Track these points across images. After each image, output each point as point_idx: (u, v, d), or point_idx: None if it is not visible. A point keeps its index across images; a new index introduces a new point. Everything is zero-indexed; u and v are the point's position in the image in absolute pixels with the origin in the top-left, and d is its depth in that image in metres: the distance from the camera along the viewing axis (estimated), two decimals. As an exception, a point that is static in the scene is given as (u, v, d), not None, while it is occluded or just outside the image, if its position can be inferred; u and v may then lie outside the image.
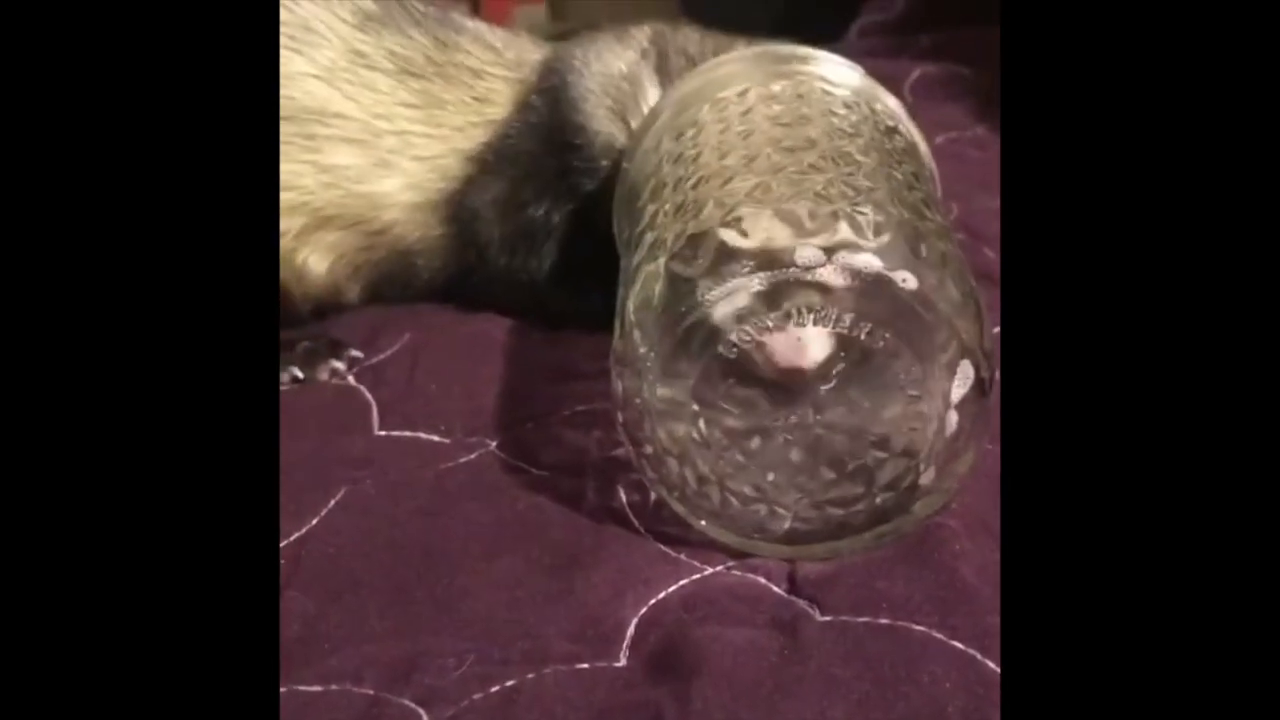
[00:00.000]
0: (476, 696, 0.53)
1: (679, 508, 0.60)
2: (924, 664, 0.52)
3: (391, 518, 0.66)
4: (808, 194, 0.57)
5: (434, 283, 0.88)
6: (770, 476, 0.59)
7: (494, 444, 0.72)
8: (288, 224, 0.83)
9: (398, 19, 0.85)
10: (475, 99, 0.84)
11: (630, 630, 0.56)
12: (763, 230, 0.56)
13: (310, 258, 0.86)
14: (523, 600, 0.59)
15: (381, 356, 0.83)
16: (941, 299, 0.55)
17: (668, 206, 0.62)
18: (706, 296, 0.56)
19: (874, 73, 0.74)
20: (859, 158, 0.61)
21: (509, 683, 0.54)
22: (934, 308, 0.55)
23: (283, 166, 0.81)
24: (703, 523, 0.60)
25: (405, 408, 0.77)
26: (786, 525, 0.60)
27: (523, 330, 0.86)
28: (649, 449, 0.59)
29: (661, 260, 0.58)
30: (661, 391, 0.58)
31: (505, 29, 0.91)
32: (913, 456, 0.58)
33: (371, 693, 0.54)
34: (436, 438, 0.73)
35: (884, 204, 0.57)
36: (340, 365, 0.81)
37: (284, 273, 0.85)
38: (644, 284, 0.58)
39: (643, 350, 0.57)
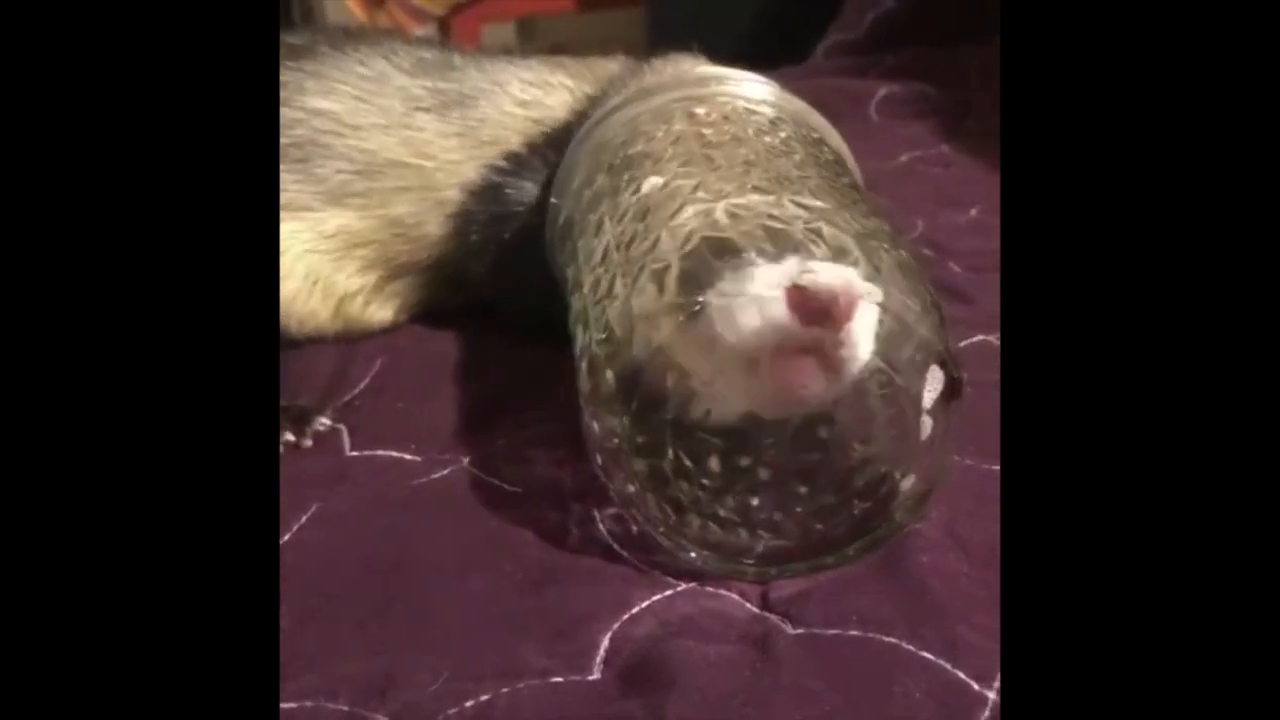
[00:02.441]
0: (451, 712, 0.53)
1: (666, 542, 0.60)
2: (894, 675, 0.53)
3: (364, 534, 0.65)
4: (762, 218, 0.57)
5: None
6: (755, 501, 0.60)
7: (466, 460, 0.72)
8: (363, 281, 0.86)
9: (451, 59, 0.87)
10: (519, 105, 0.85)
11: (604, 645, 0.57)
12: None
13: (381, 310, 0.88)
14: (496, 616, 0.59)
15: (355, 391, 0.82)
16: (904, 308, 0.56)
17: (613, 242, 0.61)
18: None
19: (839, 92, 0.75)
20: (800, 175, 0.61)
21: (483, 698, 0.54)
22: (899, 317, 0.56)
23: (361, 223, 0.84)
24: (692, 554, 0.60)
25: (376, 427, 0.77)
26: (769, 545, 0.60)
27: (492, 346, 0.86)
28: (631, 488, 0.59)
29: (620, 298, 0.58)
30: (639, 435, 0.58)
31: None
32: (885, 463, 0.59)
33: (346, 709, 0.54)
34: (408, 455, 0.74)
35: (837, 221, 0.58)
36: (291, 439, 0.76)
37: (350, 324, 0.87)
38: (608, 324, 0.58)
39: (615, 390, 0.57)
